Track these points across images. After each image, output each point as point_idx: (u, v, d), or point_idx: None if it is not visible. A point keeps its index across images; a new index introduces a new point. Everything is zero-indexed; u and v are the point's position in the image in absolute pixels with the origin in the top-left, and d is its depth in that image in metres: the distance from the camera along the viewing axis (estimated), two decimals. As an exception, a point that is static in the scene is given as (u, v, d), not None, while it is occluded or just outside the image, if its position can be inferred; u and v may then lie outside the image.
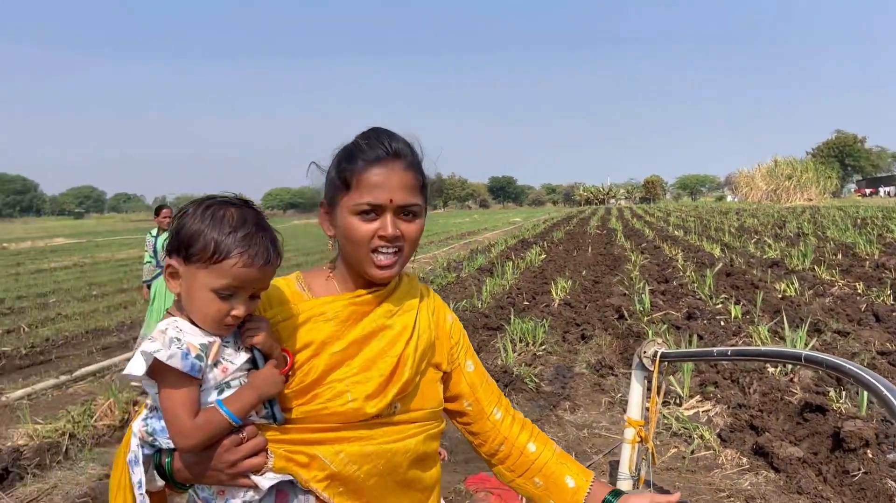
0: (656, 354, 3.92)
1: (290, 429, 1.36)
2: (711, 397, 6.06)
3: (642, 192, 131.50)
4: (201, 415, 1.27)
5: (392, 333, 1.47)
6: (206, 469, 1.30)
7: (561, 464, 1.65)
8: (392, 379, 1.42)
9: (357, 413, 1.37)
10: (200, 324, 1.30)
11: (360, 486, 1.38)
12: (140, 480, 1.31)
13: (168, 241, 1.33)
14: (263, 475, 1.32)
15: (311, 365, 1.38)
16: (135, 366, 1.24)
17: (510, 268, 14.75)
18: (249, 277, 1.29)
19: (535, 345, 8.20)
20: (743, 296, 10.41)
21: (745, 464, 4.69)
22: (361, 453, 1.37)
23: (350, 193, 1.41)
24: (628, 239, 24.33)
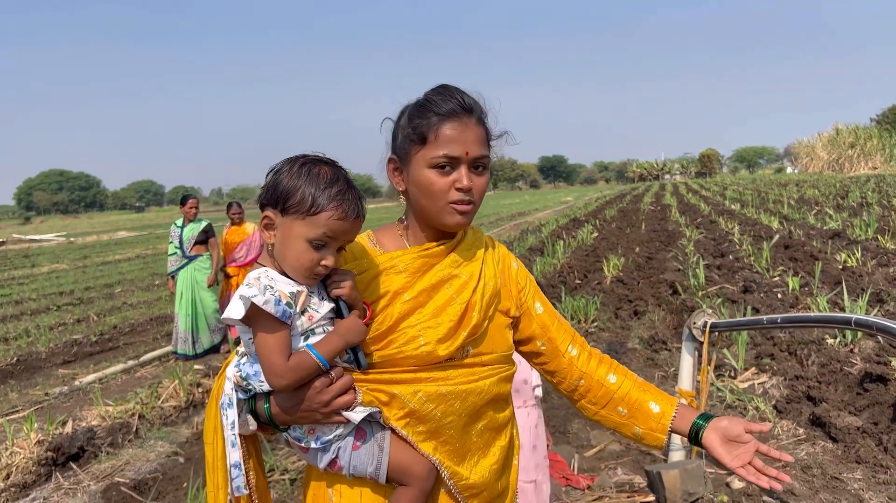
0: (706, 324, 3.91)
1: (370, 372, 1.46)
2: (767, 369, 5.97)
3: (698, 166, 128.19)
4: (293, 357, 1.37)
5: (459, 282, 1.54)
6: (302, 409, 1.40)
7: (644, 392, 1.68)
8: (461, 323, 1.50)
9: (430, 356, 1.46)
10: (291, 273, 1.40)
11: (437, 426, 1.46)
12: (233, 421, 1.42)
13: (262, 194, 1.42)
14: (353, 410, 1.42)
15: (386, 313, 1.47)
16: (234, 310, 1.34)
17: (561, 247, 14.68)
18: (342, 229, 1.39)
19: (586, 321, 8.19)
20: (801, 268, 10.15)
21: (802, 435, 4.63)
22: (438, 393, 1.45)
23: (426, 147, 1.47)
24: (683, 214, 23.87)
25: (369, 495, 1.48)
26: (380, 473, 1.44)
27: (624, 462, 4.41)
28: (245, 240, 8.39)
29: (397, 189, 1.57)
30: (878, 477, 3.93)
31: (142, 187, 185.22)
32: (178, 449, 5.18)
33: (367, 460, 1.44)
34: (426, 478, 1.45)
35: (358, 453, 1.44)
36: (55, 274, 20.20)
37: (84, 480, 4.65)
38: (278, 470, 4.53)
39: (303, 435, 1.45)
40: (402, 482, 1.45)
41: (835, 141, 78.64)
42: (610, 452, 4.62)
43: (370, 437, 1.45)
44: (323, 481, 1.53)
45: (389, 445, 1.45)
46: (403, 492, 1.45)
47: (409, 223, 1.59)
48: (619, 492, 3.95)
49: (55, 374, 7.80)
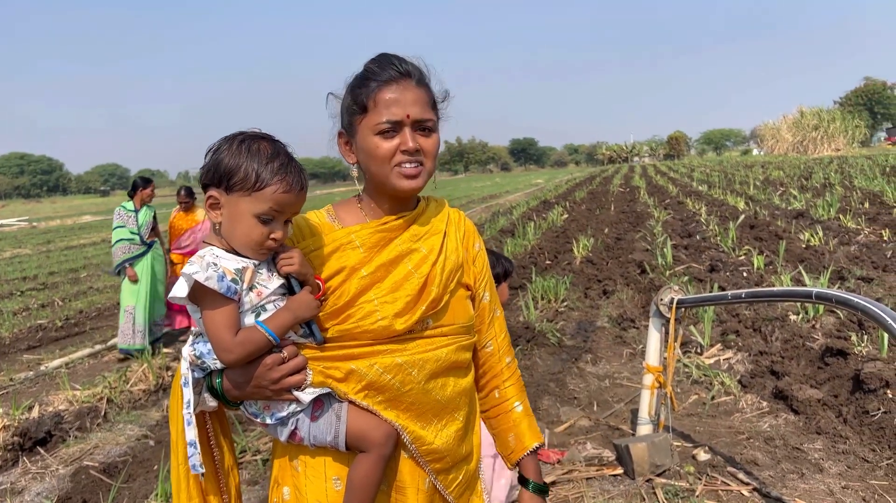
0: (672, 301, 3.97)
1: (326, 348, 1.46)
2: (732, 345, 6.10)
3: (666, 148, 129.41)
4: (241, 332, 1.38)
5: (419, 256, 1.54)
6: (252, 386, 1.41)
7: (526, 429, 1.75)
8: (420, 297, 1.51)
9: (387, 330, 1.46)
10: (241, 250, 1.41)
11: (396, 394, 1.48)
12: (188, 400, 1.43)
13: (204, 174, 1.42)
14: (304, 391, 1.44)
15: (343, 289, 1.48)
16: (178, 288, 1.35)
17: (532, 229, 14.76)
18: (287, 202, 1.40)
19: (556, 301, 8.27)
20: (766, 248, 10.35)
21: (765, 408, 4.75)
22: (394, 363, 1.47)
23: (368, 115, 1.48)
24: (651, 196, 24.13)
25: (332, 463, 1.50)
26: (338, 442, 1.46)
27: (593, 437, 4.48)
28: (194, 226, 8.14)
29: (349, 162, 1.57)
30: (838, 446, 4.05)
31: (106, 171, 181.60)
32: (148, 432, 5.14)
33: (326, 430, 1.46)
34: (384, 443, 1.47)
35: (316, 424, 1.46)
36: (17, 259, 19.79)
37: (52, 464, 4.60)
38: (250, 451, 4.53)
39: (258, 411, 1.47)
40: (361, 449, 1.47)
41: (799, 123, 79.97)
42: (579, 428, 4.70)
43: (327, 408, 1.47)
44: (287, 453, 1.55)
45: (347, 414, 1.46)
46: (363, 458, 1.47)
47: (366, 197, 1.59)
48: (588, 465, 4.02)
49: (20, 360, 7.66)
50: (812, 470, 3.80)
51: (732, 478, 3.73)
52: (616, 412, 4.96)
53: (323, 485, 1.49)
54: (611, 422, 4.78)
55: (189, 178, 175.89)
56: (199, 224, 8.10)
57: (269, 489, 1.62)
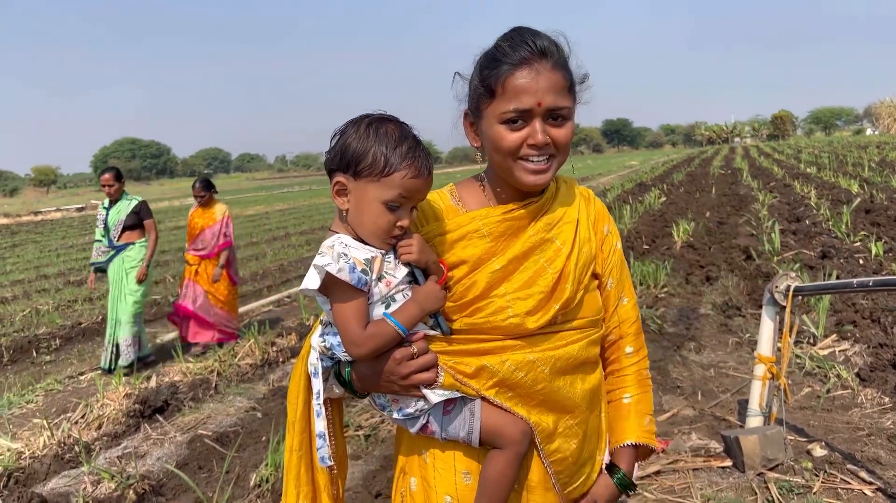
0: (789, 288, 3.78)
1: (454, 341, 1.41)
2: (849, 336, 5.75)
3: (770, 128, 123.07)
4: (371, 325, 1.35)
5: (552, 248, 1.45)
6: (380, 379, 1.38)
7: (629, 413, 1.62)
8: (553, 295, 1.42)
9: (518, 328, 1.40)
10: (368, 237, 1.37)
11: (528, 391, 1.42)
12: (318, 390, 1.42)
13: (330, 159, 1.38)
14: (433, 390, 1.39)
15: (472, 281, 1.41)
16: (309, 280, 1.33)
17: (628, 212, 14.40)
18: (415, 188, 1.36)
19: (656, 287, 8.04)
20: (885, 233, 9.69)
21: (888, 404, 4.46)
22: (526, 360, 1.40)
23: (495, 101, 1.37)
24: (755, 178, 23.05)
25: (462, 457, 1.45)
26: (472, 437, 1.41)
27: (698, 427, 4.34)
28: (212, 225, 7.13)
29: (473, 145, 1.48)
30: (972, 448, 3.76)
31: (209, 154, 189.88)
32: (255, 404, 5.36)
33: (459, 425, 1.42)
34: (521, 440, 1.42)
35: (449, 418, 1.42)
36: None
37: (170, 432, 4.87)
38: (352, 426, 4.65)
39: (387, 403, 1.44)
40: (496, 445, 1.42)
41: (920, 100, 74.24)
42: (683, 417, 4.56)
43: (460, 403, 1.42)
44: (415, 444, 1.51)
45: (480, 410, 1.41)
46: (498, 455, 1.42)
47: (489, 180, 1.52)
48: (694, 456, 3.90)
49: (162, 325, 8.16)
50: (943, 472, 3.54)
51: (853, 476, 3.52)
52: (722, 402, 4.79)
53: (452, 478, 1.45)
54: (716, 412, 4.61)
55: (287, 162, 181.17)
56: (218, 223, 7.14)
57: (393, 477, 1.60)
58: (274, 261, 13.49)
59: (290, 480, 1.51)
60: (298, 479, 1.51)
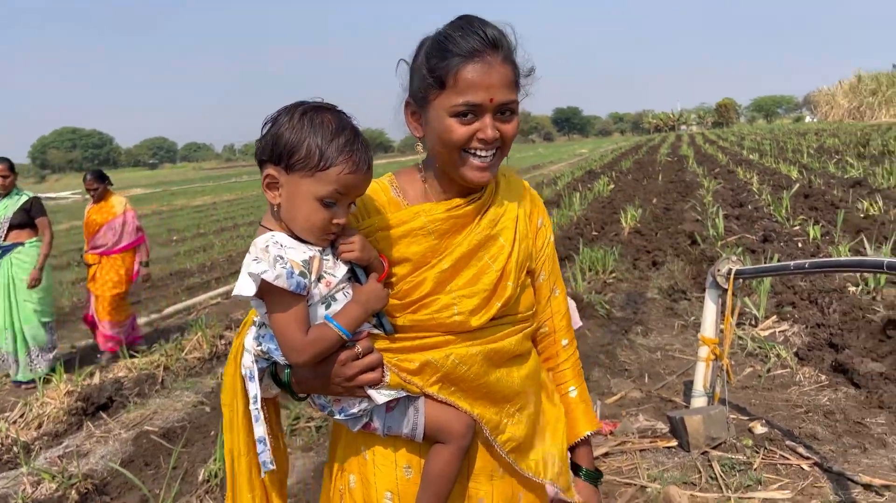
0: (731, 272, 3.88)
1: (398, 339, 1.39)
2: (788, 317, 5.95)
3: (714, 116, 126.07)
4: (312, 330, 1.29)
5: (497, 245, 1.45)
6: (324, 383, 1.33)
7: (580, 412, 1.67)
8: (496, 293, 1.42)
9: (462, 326, 1.39)
10: (302, 234, 1.30)
11: (470, 384, 1.41)
12: (255, 395, 1.35)
13: (261, 150, 1.30)
14: (378, 390, 1.36)
15: (420, 279, 1.39)
16: (243, 287, 1.25)
17: (577, 200, 14.56)
18: (353, 184, 1.29)
19: (604, 273, 8.17)
20: (822, 217, 10.03)
21: (824, 381, 4.63)
22: (468, 354, 1.39)
23: (445, 93, 1.33)
24: (700, 165, 23.57)
25: (404, 453, 1.44)
26: (416, 434, 1.40)
27: (645, 409, 4.43)
28: (111, 220, 6.52)
29: (415, 135, 1.43)
30: (902, 422, 3.93)
31: (154, 144, 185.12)
32: (203, 398, 5.26)
33: (403, 422, 1.40)
34: (464, 434, 1.41)
35: (392, 416, 1.40)
36: (74, 230, 20.37)
37: (115, 429, 4.75)
38: (304, 417, 4.61)
39: (327, 403, 1.40)
40: (439, 440, 1.41)
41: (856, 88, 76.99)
42: (631, 399, 4.65)
43: (404, 400, 1.40)
44: (354, 441, 1.48)
45: (424, 405, 1.40)
46: (441, 450, 1.41)
47: (429, 172, 1.48)
48: (641, 437, 3.98)
49: (80, 329, 7.92)
50: (875, 445, 3.69)
51: (791, 452, 3.65)
52: (668, 384, 4.90)
53: (393, 473, 1.44)
54: (663, 394, 4.72)
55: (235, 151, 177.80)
56: (119, 217, 6.55)
57: (329, 474, 1.56)
58: (222, 253, 13.25)
59: (243, 484, 1.45)
60: (252, 483, 1.45)
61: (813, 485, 3.34)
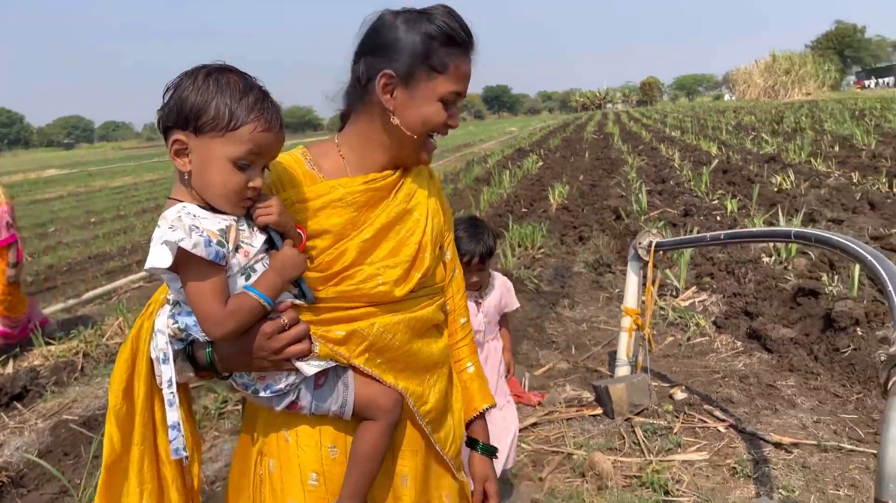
0: (651, 244, 4.00)
1: (323, 310, 1.38)
2: (707, 288, 6.19)
3: (639, 94, 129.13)
4: (232, 301, 1.24)
5: (413, 219, 1.48)
6: (249, 358, 1.30)
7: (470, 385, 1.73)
8: (415, 264, 1.46)
9: (386, 296, 1.41)
10: (216, 202, 1.25)
11: (395, 354, 1.44)
12: (170, 378, 1.28)
13: (165, 116, 1.24)
14: (307, 362, 1.33)
15: (341, 250, 1.39)
16: (158, 258, 1.18)
17: (507, 177, 14.70)
18: (267, 142, 1.25)
19: (533, 248, 8.30)
20: (739, 192, 10.43)
21: (740, 348, 4.85)
22: (392, 323, 1.42)
23: (441, 78, 1.40)
24: (625, 142, 24.12)
25: (329, 432, 1.42)
26: (346, 410, 1.39)
27: (572, 379, 4.55)
28: None
29: (387, 108, 1.39)
30: (810, 383, 4.16)
31: (69, 123, 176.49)
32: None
33: (332, 399, 1.38)
34: (393, 409, 1.42)
35: (321, 392, 1.37)
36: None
37: (30, 419, 4.56)
38: (231, 401, 4.53)
39: (251, 382, 1.35)
40: (368, 416, 1.40)
41: (771, 68, 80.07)
42: (558, 370, 4.76)
43: (332, 375, 1.38)
44: (275, 424, 1.44)
45: (353, 380, 1.39)
46: (370, 427, 1.40)
47: (350, 144, 1.47)
48: (568, 406, 4.09)
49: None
50: (785, 405, 3.90)
51: (709, 416, 3.82)
52: (594, 355, 5.04)
53: (318, 453, 1.42)
54: (589, 364, 4.85)
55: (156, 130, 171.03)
56: None
57: (241, 462, 1.52)
58: (144, 235, 12.79)
59: (132, 477, 1.36)
60: (142, 475, 1.36)
61: (728, 446, 3.51)
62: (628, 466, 3.35)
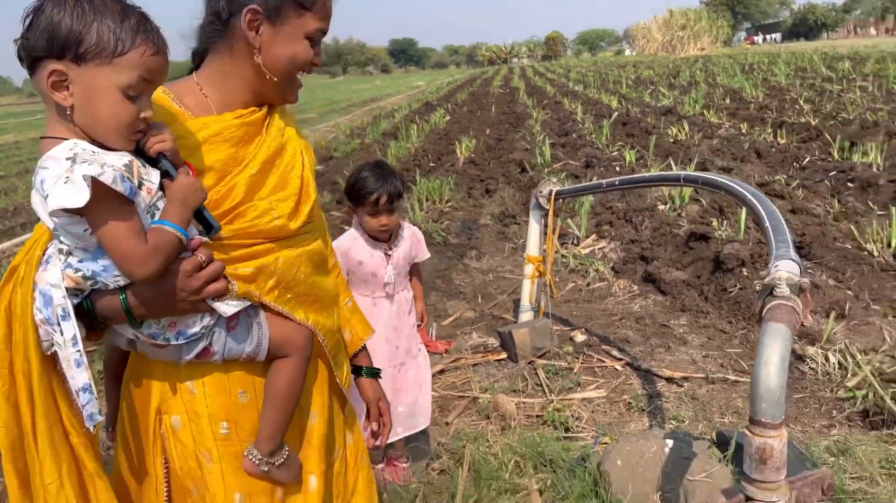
0: (551, 192, 4.09)
1: (226, 247, 1.34)
2: (606, 236, 6.42)
3: (544, 49, 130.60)
4: (150, 237, 1.18)
5: (289, 153, 1.46)
6: (168, 300, 1.24)
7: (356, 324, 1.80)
8: (302, 198, 1.45)
9: (281, 230, 1.39)
10: (107, 137, 1.17)
11: (302, 289, 1.43)
12: (75, 335, 1.17)
13: (35, 45, 1.12)
14: (224, 302, 1.29)
15: (230, 186, 1.35)
16: (71, 195, 1.07)
17: (415, 132, 14.62)
18: (158, 66, 1.19)
19: (441, 202, 8.34)
20: (637, 143, 10.79)
21: (636, 291, 5.08)
22: (294, 256, 1.42)
23: (308, 14, 1.38)
24: (530, 96, 24.38)
25: (238, 377, 1.39)
26: (260, 350, 1.36)
27: (479, 327, 4.64)
28: None
29: (254, 45, 1.35)
30: (699, 321, 4.41)
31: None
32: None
33: (247, 339, 1.35)
34: (307, 346, 1.41)
35: (235, 334, 1.34)
36: None
37: None
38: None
39: (160, 331, 1.28)
40: (282, 355, 1.39)
41: (668, 23, 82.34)
42: (465, 319, 4.85)
43: (244, 316, 1.35)
44: (176, 376, 1.37)
45: (266, 320, 1.37)
46: (285, 365, 1.39)
47: (213, 83, 1.41)
48: (474, 353, 4.18)
49: None
50: (677, 343, 4.13)
51: (607, 355, 3.99)
52: (500, 303, 5.15)
53: (227, 400, 1.39)
54: (495, 312, 4.96)
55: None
56: None
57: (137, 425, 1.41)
58: (27, 197, 11.97)
59: (45, 455, 1.22)
60: (55, 449, 1.24)
61: (624, 383, 3.69)
62: (531, 406, 3.48)
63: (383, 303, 2.71)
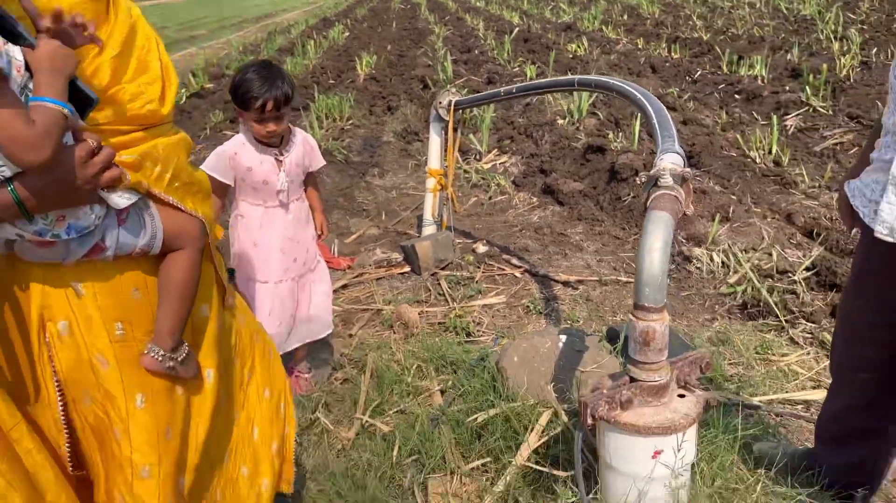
0: (451, 103, 4.05)
1: (104, 133, 1.27)
2: (508, 150, 6.47)
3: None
4: (37, 118, 1.08)
5: (142, 35, 1.39)
6: (63, 189, 1.16)
7: None
8: (165, 82, 1.39)
9: (155, 116, 1.34)
10: None
11: (185, 178, 1.40)
12: None
13: None
14: (119, 194, 1.26)
15: (94, 67, 1.26)
16: None
17: (312, 48, 14.06)
18: None
19: (342, 119, 8.13)
20: (538, 59, 10.80)
21: (535, 203, 5.18)
22: (170, 143, 1.38)
23: None
24: (432, 12, 23.80)
25: (132, 276, 1.35)
26: (155, 242, 1.32)
27: (382, 244, 4.63)
28: None
29: None
30: (595, 229, 4.57)
31: None
32: None
33: (141, 232, 1.30)
34: (200, 236, 1.39)
35: (127, 227, 1.28)
36: None
37: None
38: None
39: (49, 226, 1.19)
40: (176, 247, 1.36)
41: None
42: (369, 236, 4.82)
43: (135, 210, 1.30)
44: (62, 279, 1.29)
45: (157, 211, 1.33)
46: (180, 255, 1.37)
47: None
48: (378, 267, 4.18)
49: None
50: (574, 250, 4.27)
51: (507, 264, 4.09)
52: (403, 219, 5.14)
53: (120, 298, 1.33)
54: (398, 228, 4.95)
55: None
56: None
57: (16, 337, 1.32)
58: None
59: None
60: None
61: (523, 289, 3.80)
62: (434, 315, 3.54)
63: (277, 213, 2.62)
